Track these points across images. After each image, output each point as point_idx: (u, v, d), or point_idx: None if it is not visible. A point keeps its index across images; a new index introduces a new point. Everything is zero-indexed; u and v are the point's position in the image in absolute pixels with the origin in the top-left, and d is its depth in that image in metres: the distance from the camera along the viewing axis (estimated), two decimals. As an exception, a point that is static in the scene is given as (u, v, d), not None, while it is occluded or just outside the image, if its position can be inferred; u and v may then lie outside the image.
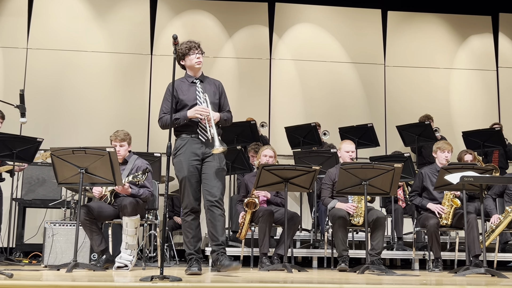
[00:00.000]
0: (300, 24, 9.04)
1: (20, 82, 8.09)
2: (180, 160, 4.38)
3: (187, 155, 4.37)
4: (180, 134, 4.45)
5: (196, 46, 4.48)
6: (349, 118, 8.39)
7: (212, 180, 4.36)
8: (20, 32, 8.33)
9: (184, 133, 4.43)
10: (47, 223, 5.49)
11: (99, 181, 4.76)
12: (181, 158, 4.37)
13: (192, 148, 4.38)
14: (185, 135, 4.42)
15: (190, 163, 4.36)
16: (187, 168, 4.35)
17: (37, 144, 6.02)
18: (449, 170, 5.15)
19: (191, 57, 4.46)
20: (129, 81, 8.48)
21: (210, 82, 4.58)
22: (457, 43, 9.22)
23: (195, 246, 4.40)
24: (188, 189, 4.36)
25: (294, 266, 5.11)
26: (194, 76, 4.52)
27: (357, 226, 5.58)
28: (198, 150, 4.38)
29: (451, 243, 6.78)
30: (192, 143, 4.39)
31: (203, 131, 4.39)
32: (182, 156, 4.37)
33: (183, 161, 4.36)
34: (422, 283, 3.72)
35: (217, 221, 4.35)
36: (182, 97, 4.45)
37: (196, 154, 4.38)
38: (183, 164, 4.36)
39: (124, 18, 8.66)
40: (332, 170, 5.83)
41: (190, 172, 4.36)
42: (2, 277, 3.47)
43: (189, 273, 4.24)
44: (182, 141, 4.42)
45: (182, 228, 4.49)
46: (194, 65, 4.47)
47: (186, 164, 4.35)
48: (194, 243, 4.40)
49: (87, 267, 4.75)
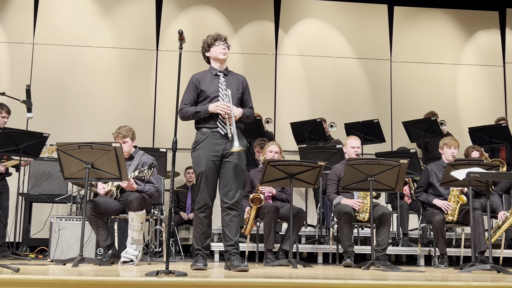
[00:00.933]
0: (306, 19, 9.02)
1: (26, 78, 8.11)
2: (199, 155, 4.33)
3: (207, 150, 4.31)
4: (201, 128, 4.40)
5: (223, 38, 4.48)
6: (355, 114, 8.37)
7: (231, 181, 4.33)
8: (26, 28, 8.35)
9: (205, 127, 4.38)
10: (53, 218, 5.51)
11: (105, 176, 4.77)
12: (199, 153, 4.33)
13: (212, 143, 4.33)
14: (205, 129, 4.37)
15: (209, 159, 4.31)
16: (205, 163, 4.30)
17: (44, 139, 6.05)
18: (455, 166, 5.14)
19: (216, 48, 4.46)
20: (135, 77, 8.48)
21: (234, 76, 4.54)
22: (464, 38, 9.17)
23: (204, 243, 4.40)
24: (204, 185, 4.31)
25: (299, 262, 5.11)
26: (218, 69, 4.50)
27: (363, 222, 5.58)
28: (218, 146, 4.33)
29: (457, 239, 6.76)
30: (213, 138, 4.34)
31: (223, 124, 4.35)
32: (201, 151, 4.32)
33: (202, 155, 4.31)
34: (428, 279, 3.71)
35: (232, 222, 4.35)
36: (204, 88, 4.41)
37: (216, 150, 4.32)
38: (201, 159, 4.31)
39: (130, 13, 8.66)
40: (337, 166, 5.82)
41: (208, 168, 4.30)
42: (9, 271, 3.49)
43: (195, 268, 4.24)
44: (202, 135, 4.37)
45: (193, 223, 4.48)
46: (218, 56, 4.45)
47: (205, 159, 4.30)
48: (203, 239, 4.39)
49: (93, 262, 4.76)
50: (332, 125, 7.85)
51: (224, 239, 4.41)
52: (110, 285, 3.17)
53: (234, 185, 4.34)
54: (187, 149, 7.78)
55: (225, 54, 4.47)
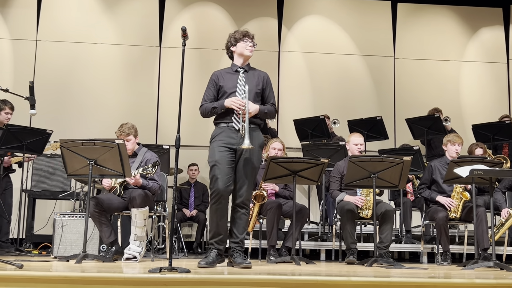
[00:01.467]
0: (309, 16, 9.00)
1: (29, 74, 8.13)
2: (213, 147, 4.29)
3: (221, 142, 4.28)
4: (219, 123, 4.38)
5: (251, 35, 4.49)
6: (358, 110, 8.36)
7: (243, 178, 4.30)
8: (29, 24, 8.36)
9: (222, 122, 4.35)
10: (56, 215, 5.53)
11: (108, 172, 4.78)
12: (214, 145, 4.29)
13: (227, 137, 4.29)
14: (222, 124, 4.34)
15: (222, 149, 4.26)
16: (218, 153, 4.25)
17: (47, 136, 6.05)
18: (459, 163, 5.13)
19: (243, 44, 4.45)
20: (138, 74, 8.49)
21: (255, 73, 4.52)
22: (468, 35, 9.15)
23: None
24: (218, 174, 4.21)
25: (302, 259, 5.11)
26: (239, 65, 4.48)
27: (366, 219, 5.57)
28: (233, 139, 4.29)
29: (460, 236, 6.75)
30: (228, 132, 4.31)
31: (237, 119, 4.33)
32: (216, 143, 4.29)
33: (216, 147, 4.27)
34: (431, 276, 3.71)
35: (240, 219, 4.34)
36: (223, 83, 4.40)
37: (230, 143, 4.28)
38: (215, 150, 4.27)
39: (133, 10, 8.66)
40: (340, 163, 5.82)
41: (220, 157, 4.24)
42: (12, 268, 3.50)
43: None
44: (219, 130, 4.34)
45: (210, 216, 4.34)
46: (244, 52, 4.44)
47: (218, 149, 4.25)
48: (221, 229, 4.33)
49: (96, 258, 4.77)
50: (335, 121, 7.84)
51: (230, 236, 4.40)
52: (113, 282, 3.18)
53: (246, 183, 4.32)
54: (190, 146, 7.89)
55: (251, 51, 4.47)
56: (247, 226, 4.67)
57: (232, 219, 4.36)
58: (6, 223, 6.08)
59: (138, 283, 3.18)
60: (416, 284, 3.30)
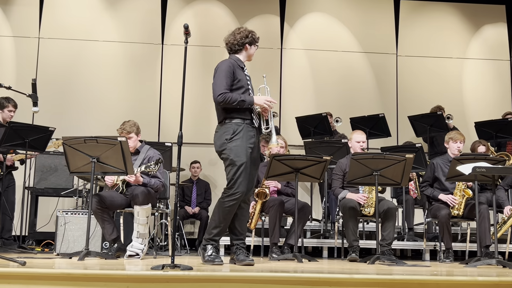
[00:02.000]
0: (312, 13, 8.99)
1: (32, 72, 8.14)
2: (238, 145, 4.21)
3: (245, 141, 4.23)
4: (234, 118, 4.27)
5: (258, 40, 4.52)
6: (360, 108, 8.35)
7: (251, 176, 4.31)
8: (32, 22, 8.37)
9: (239, 117, 4.28)
10: (59, 212, 5.53)
11: (111, 170, 4.78)
12: (239, 143, 4.21)
13: (248, 135, 4.26)
14: (239, 120, 4.27)
15: (248, 149, 4.23)
16: (245, 154, 4.20)
17: (50, 133, 6.06)
18: (461, 160, 5.12)
19: (255, 48, 4.52)
20: (140, 71, 8.49)
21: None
22: (470, 32, 9.12)
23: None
24: (245, 175, 4.18)
25: (304, 256, 5.11)
26: (243, 62, 4.51)
27: (368, 217, 5.57)
28: (252, 138, 4.28)
29: (463, 234, 6.75)
30: (248, 129, 4.27)
31: (255, 117, 4.33)
32: (240, 141, 4.21)
33: (241, 146, 4.20)
34: (433, 274, 3.71)
35: (244, 216, 4.37)
36: (240, 77, 4.37)
37: (251, 142, 4.27)
38: (242, 149, 4.20)
39: (135, 7, 8.65)
40: (343, 160, 5.81)
41: (248, 159, 4.21)
42: (15, 265, 3.51)
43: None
44: (238, 126, 4.25)
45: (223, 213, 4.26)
46: (252, 57, 4.52)
47: (245, 149, 4.21)
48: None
49: (98, 256, 4.78)
50: (337, 120, 7.84)
51: (233, 233, 4.39)
52: (116, 279, 3.18)
53: (252, 180, 4.34)
54: (193, 143, 7.89)
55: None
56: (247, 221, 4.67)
57: (235, 215, 4.35)
58: (9, 220, 6.09)
59: (141, 280, 3.19)
60: (419, 282, 3.30)
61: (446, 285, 3.31)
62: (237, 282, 3.21)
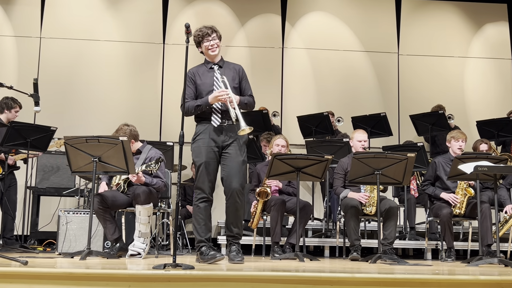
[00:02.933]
0: (313, 12, 8.98)
1: (33, 71, 8.14)
2: (199, 145, 4.35)
3: (207, 140, 4.34)
4: (201, 120, 4.42)
5: (209, 32, 4.44)
6: (362, 107, 8.34)
7: (233, 171, 4.33)
8: (33, 21, 8.37)
9: (202, 119, 4.40)
10: (61, 211, 5.54)
11: (112, 169, 4.79)
12: (200, 144, 4.35)
13: (212, 134, 4.35)
14: (203, 122, 4.39)
15: (209, 149, 4.33)
16: (205, 153, 4.32)
17: (51, 133, 6.07)
18: (463, 159, 5.12)
19: (205, 45, 4.45)
20: (142, 70, 8.49)
21: (230, 67, 4.55)
22: (472, 31, 9.11)
23: (206, 234, 4.35)
24: (204, 175, 4.32)
25: (306, 255, 5.11)
26: (212, 62, 4.50)
27: (370, 216, 5.57)
28: (217, 137, 4.35)
29: (464, 233, 6.75)
30: (212, 129, 4.36)
31: (218, 115, 4.37)
32: (201, 142, 4.34)
33: (202, 146, 4.33)
34: (435, 273, 3.71)
35: (236, 211, 4.36)
36: (199, 82, 4.43)
37: (215, 141, 4.34)
38: (201, 150, 4.33)
39: (136, 7, 8.66)
40: (344, 159, 5.81)
41: (208, 158, 4.32)
42: (17, 264, 3.52)
43: (213, 261, 4.18)
44: (202, 127, 4.38)
45: (193, 215, 4.44)
46: (208, 52, 4.46)
47: (205, 149, 4.32)
48: (206, 230, 4.35)
49: (100, 255, 4.79)
50: (339, 119, 7.85)
51: (226, 228, 4.45)
52: (118, 278, 3.18)
53: (236, 175, 4.34)
54: (194, 143, 7.88)
55: (213, 50, 4.45)
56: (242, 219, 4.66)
57: (228, 212, 4.39)
58: (11, 220, 6.10)
59: (143, 279, 3.19)
60: (420, 281, 3.30)
61: (448, 284, 3.31)
62: (239, 281, 3.22)
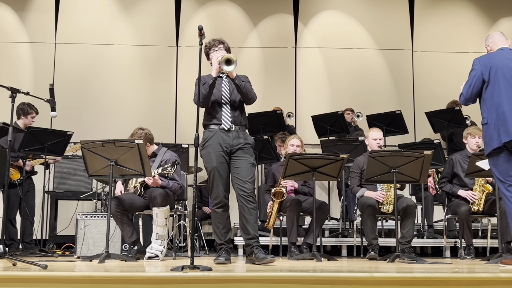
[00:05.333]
0: (325, 11, 8.96)
1: (49, 77, 8.22)
2: (208, 151, 4.39)
3: (216, 146, 4.38)
4: (208, 126, 4.46)
5: (216, 43, 4.55)
6: (376, 105, 8.30)
7: (244, 174, 4.37)
8: (48, 27, 8.46)
9: (212, 124, 4.44)
10: (79, 215, 5.58)
11: (129, 172, 4.82)
12: (209, 149, 4.39)
13: (220, 139, 4.39)
14: (213, 127, 4.44)
15: (218, 154, 4.38)
16: (216, 158, 4.37)
17: (68, 138, 6.12)
18: (480, 156, 5.06)
19: (211, 55, 4.55)
20: (156, 73, 8.54)
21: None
22: (487, 26, 9.01)
23: (226, 237, 4.46)
24: (217, 180, 4.38)
25: (324, 255, 5.10)
26: (220, 72, 4.50)
27: (387, 214, 5.54)
28: (226, 142, 4.39)
29: (483, 230, 6.68)
30: (220, 134, 4.40)
31: (227, 118, 4.40)
32: (211, 147, 4.39)
33: (212, 152, 4.38)
34: (454, 271, 3.68)
35: (249, 214, 4.38)
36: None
37: (224, 146, 4.39)
38: (211, 155, 4.37)
39: (149, 10, 8.71)
40: (360, 158, 5.78)
41: (219, 163, 4.37)
42: (37, 268, 3.55)
43: (217, 262, 4.28)
44: (210, 133, 4.43)
45: (212, 219, 4.52)
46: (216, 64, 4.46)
47: (215, 155, 4.37)
48: (225, 233, 4.45)
49: (118, 258, 4.81)
50: (358, 115, 7.82)
51: (243, 233, 4.44)
52: (136, 281, 3.20)
53: (248, 177, 4.39)
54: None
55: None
56: (258, 220, 4.70)
57: (241, 216, 4.44)
58: (30, 225, 6.17)
59: (161, 281, 3.20)
60: (440, 279, 3.27)
61: (467, 282, 3.27)
62: (256, 282, 3.21)
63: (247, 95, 4.45)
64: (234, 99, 4.49)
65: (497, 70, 4.17)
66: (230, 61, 4.28)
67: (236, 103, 4.49)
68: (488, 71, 4.20)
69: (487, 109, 4.18)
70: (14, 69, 8.33)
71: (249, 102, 4.52)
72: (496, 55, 4.30)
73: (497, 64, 4.19)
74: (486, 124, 4.17)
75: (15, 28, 8.44)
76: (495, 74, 4.17)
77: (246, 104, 4.54)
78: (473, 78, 4.27)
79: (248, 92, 4.46)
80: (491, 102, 4.15)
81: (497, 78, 4.15)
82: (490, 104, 4.16)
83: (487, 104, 4.19)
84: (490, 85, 4.18)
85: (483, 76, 4.22)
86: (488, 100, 4.18)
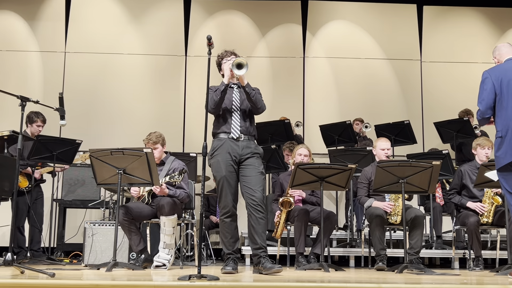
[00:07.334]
0: (334, 21, 8.98)
1: (59, 86, 8.29)
2: (217, 160, 4.39)
3: (225, 155, 4.38)
4: (218, 135, 4.47)
5: (228, 54, 4.57)
6: (385, 115, 8.29)
7: (253, 183, 4.38)
8: (58, 36, 8.54)
9: (221, 133, 4.45)
10: (87, 223, 5.60)
11: (137, 181, 4.83)
12: (218, 158, 4.39)
13: (228, 148, 4.39)
14: (222, 135, 4.44)
15: (227, 163, 4.37)
16: (225, 168, 4.37)
17: (77, 146, 6.16)
18: (490, 167, 5.03)
19: (224, 66, 4.54)
20: (165, 82, 8.58)
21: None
22: (496, 36, 9.00)
23: (233, 247, 4.45)
24: (226, 190, 4.38)
25: (331, 266, 5.07)
26: (232, 82, 4.53)
27: (395, 225, 5.51)
28: (235, 151, 4.40)
29: (492, 241, 6.62)
30: (229, 143, 4.41)
31: (236, 127, 4.41)
32: (220, 156, 4.39)
33: (221, 161, 4.37)
34: (463, 283, 3.65)
35: (257, 224, 4.36)
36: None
37: (233, 155, 4.39)
38: (221, 164, 4.37)
39: (158, 20, 8.77)
40: (367, 168, 5.77)
41: (228, 172, 4.37)
42: (45, 277, 3.56)
43: (224, 271, 4.27)
44: (219, 142, 4.43)
45: (220, 229, 4.52)
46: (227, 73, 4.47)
47: (224, 164, 4.37)
48: (232, 243, 4.45)
49: (126, 266, 4.82)
50: (366, 126, 7.81)
51: (251, 242, 4.43)
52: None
53: (258, 186, 4.38)
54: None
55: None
56: (266, 229, 4.70)
57: (250, 225, 4.42)
58: (38, 233, 6.19)
59: (168, 291, 3.20)
60: (448, 291, 3.25)
61: (476, 294, 3.25)
62: (263, 292, 3.21)
63: (256, 104, 4.46)
64: (244, 109, 4.50)
65: (508, 82, 4.16)
66: (241, 65, 4.29)
67: (246, 112, 4.50)
68: (500, 83, 4.18)
69: (501, 122, 4.15)
70: (24, 78, 8.40)
71: (258, 112, 4.53)
72: (505, 66, 4.29)
73: (508, 75, 4.18)
74: (501, 137, 4.13)
75: (25, 37, 8.52)
76: (507, 86, 4.15)
77: (255, 113, 4.56)
78: (485, 91, 4.25)
79: (258, 102, 4.47)
80: (505, 115, 4.13)
81: (509, 90, 4.14)
82: (504, 117, 4.14)
83: (500, 117, 4.17)
84: (503, 97, 4.16)
85: (495, 89, 4.20)
86: (502, 113, 4.16)
